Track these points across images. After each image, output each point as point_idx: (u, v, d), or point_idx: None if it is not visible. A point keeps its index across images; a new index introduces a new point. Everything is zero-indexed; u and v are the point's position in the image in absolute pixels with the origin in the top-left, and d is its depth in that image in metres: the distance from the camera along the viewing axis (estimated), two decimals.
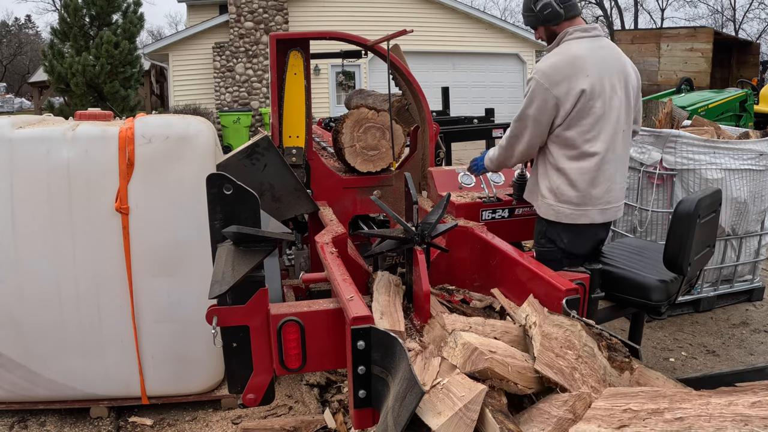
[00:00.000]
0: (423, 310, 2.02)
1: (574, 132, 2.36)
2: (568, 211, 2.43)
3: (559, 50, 2.40)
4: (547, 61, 2.37)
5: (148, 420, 2.89)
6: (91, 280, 2.72)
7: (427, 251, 2.25)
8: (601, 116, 2.34)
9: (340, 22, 13.78)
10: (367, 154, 3.43)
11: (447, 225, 2.24)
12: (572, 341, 1.38)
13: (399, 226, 2.12)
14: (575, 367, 1.37)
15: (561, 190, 2.42)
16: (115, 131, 2.69)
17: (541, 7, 2.42)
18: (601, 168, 2.38)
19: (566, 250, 2.48)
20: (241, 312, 1.78)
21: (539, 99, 2.35)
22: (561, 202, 2.43)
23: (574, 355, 1.37)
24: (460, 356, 1.49)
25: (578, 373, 1.36)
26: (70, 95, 11.03)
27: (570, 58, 2.34)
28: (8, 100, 27.17)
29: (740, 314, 4.13)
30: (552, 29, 2.48)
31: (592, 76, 2.31)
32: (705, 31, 11.98)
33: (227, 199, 1.82)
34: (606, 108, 2.35)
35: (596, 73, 2.32)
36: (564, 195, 2.42)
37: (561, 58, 2.35)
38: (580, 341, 1.37)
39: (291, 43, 3.13)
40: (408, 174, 2.28)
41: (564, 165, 2.40)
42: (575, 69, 2.31)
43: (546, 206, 2.49)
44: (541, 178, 2.51)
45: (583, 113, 2.33)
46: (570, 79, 2.30)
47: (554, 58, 2.37)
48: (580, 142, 2.36)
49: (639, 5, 31.50)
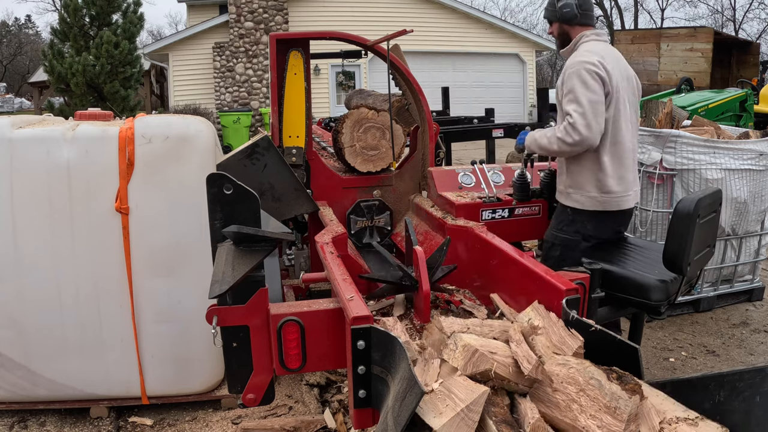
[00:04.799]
0: (423, 310, 2.02)
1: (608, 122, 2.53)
2: (612, 200, 2.60)
3: (584, 47, 2.61)
4: (581, 56, 2.55)
5: (148, 420, 2.89)
6: (91, 280, 2.72)
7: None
8: (622, 108, 2.55)
9: (340, 22, 13.78)
10: (367, 154, 3.43)
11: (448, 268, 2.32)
12: (576, 378, 1.40)
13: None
14: (574, 399, 1.39)
15: (602, 181, 2.57)
16: (115, 131, 2.69)
17: (562, 5, 2.65)
18: (629, 157, 2.62)
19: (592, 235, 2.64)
20: (241, 312, 1.78)
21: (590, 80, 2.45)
22: (605, 192, 2.59)
23: (576, 389, 1.39)
24: (461, 358, 1.49)
25: (576, 404, 1.38)
26: (70, 95, 11.03)
27: (599, 50, 2.56)
28: (8, 100, 27.16)
29: (740, 314, 4.13)
30: (565, 29, 2.71)
31: (615, 69, 2.54)
32: (705, 31, 11.98)
33: (227, 199, 1.82)
34: (624, 101, 2.57)
35: (616, 67, 2.55)
36: (606, 185, 2.57)
37: (591, 50, 2.55)
38: (585, 377, 1.38)
39: (291, 43, 3.13)
40: (408, 219, 2.31)
41: (602, 156, 2.56)
42: (606, 59, 2.53)
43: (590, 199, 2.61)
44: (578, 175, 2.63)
45: (614, 102, 2.52)
46: (605, 65, 2.49)
47: (585, 51, 2.57)
48: (613, 131, 2.54)
49: (639, 5, 31.51)
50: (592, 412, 1.35)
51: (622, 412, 1.30)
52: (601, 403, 1.34)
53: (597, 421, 1.33)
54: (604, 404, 1.33)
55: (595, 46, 2.60)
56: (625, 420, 1.29)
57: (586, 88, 2.44)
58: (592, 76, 2.45)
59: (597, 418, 1.33)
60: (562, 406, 1.40)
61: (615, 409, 1.31)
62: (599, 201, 2.60)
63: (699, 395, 1.49)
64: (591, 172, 2.59)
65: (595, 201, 2.61)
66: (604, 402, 1.33)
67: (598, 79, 2.46)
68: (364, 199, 3.40)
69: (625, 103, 2.58)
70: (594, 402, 1.35)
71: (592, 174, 2.59)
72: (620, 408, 1.30)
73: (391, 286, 2.19)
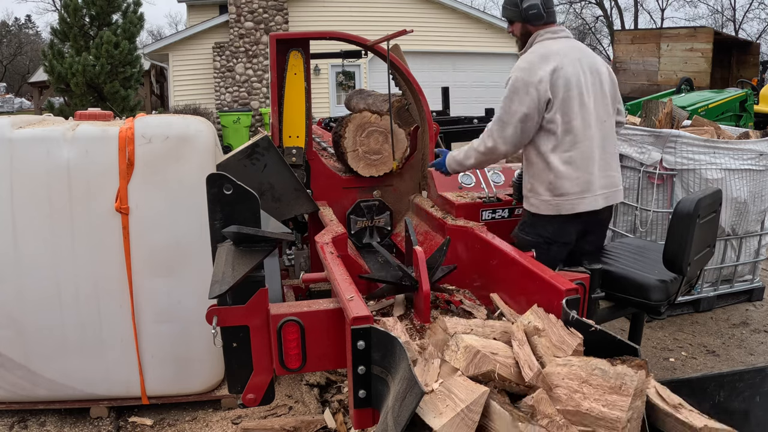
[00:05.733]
0: (423, 310, 2.02)
1: (557, 122, 2.42)
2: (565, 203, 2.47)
3: (532, 50, 2.52)
4: (522, 62, 2.49)
5: (148, 420, 2.89)
6: (91, 280, 2.72)
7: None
8: (579, 107, 2.42)
9: (340, 22, 13.77)
10: (369, 158, 3.41)
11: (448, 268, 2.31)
12: (578, 373, 1.40)
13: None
14: (577, 390, 1.38)
15: (554, 184, 2.46)
16: (115, 131, 2.69)
17: (527, 6, 2.51)
18: (594, 156, 2.45)
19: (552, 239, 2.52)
20: (241, 312, 1.77)
21: (521, 93, 2.42)
22: (557, 195, 2.47)
23: (578, 383, 1.39)
24: (463, 359, 1.49)
25: (579, 393, 1.38)
26: (70, 95, 11.03)
27: (542, 53, 2.46)
28: (8, 100, 27.14)
29: (740, 314, 4.13)
30: (529, 29, 2.58)
31: (563, 66, 2.41)
32: (705, 31, 11.97)
33: (227, 199, 1.82)
34: (582, 99, 2.43)
35: (567, 63, 2.42)
36: (559, 188, 2.46)
37: (534, 55, 2.48)
38: (587, 370, 1.38)
39: (291, 43, 3.13)
40: (408, 219, 2.31)
41: (552, 159, 2.45)
42: (547, 59, 2.43)
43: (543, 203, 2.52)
44: (532, 178, 2.55)
45: (562, 104, 2.41)
46: (543, 67, 2.41)
47: (528, 56, 2.50)
48: (564, 132, 2.42)
49: (639, 5, 31.49)
50: (596, 396, 1.34)
51: (628, 387, 1.30)
52: (605, 387, 1.34)
53: (601, 402, 1.33)
54: (608, 387, 1.33)
55: (549, 47, 2.47)
56: (631, 394, 1.29)
57: (511, 101, 2.43)
58: (523, 89, 2.40)
59: (601, 400, 1.33)
60: (564, 399, 1.39)
61: (620, 386, 1.31)
62: (552, 205, 2.49)
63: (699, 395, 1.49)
64: (543, 175, 2.48)
65: (548, 205, 2.50)
66: (608, 385, 1.33)
67: (529, 92, 2.38)
68: (364, 199, 3.40)
69: (585, 98, 2.43)
70: (597, 388, 1.35)
71: (544, 177, 2.48)
72: (626, 384, 1.30)
73: (391, 286, 2.19)
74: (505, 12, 2.64)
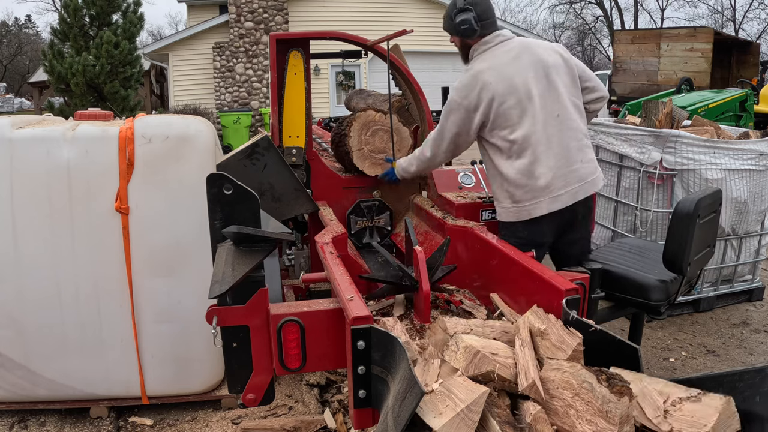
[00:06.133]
0: (423, 310, 2.02)
1: (499, 135, 2.48)
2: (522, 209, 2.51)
3: (468, 68, 2.58)
4: (458, 82, 2.57)
5: (148, 420, 2.89)
6: (91, 280, 2.72)
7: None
8: (521, 113, 2.43)
9: (340, 22, 13.78)
10: (375, 157, 3.39)
11: (448, 268, 2.32)
12: (570, 381, 1.42)
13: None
14: (570, 405, 1.40)
15: (510, 192, 2.52)
16: (115, 131, 2.69)
17: (459, 21, 2.54)
18: (547, 158, 2.43)
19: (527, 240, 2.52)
20: (241, 312, 1.77)
21: (454, 113, 2.55)
22: (515, 202, 2.52)
23: (571, 394, 1.40)
24: (463, 359, 1.49)
25: (573, 410, 1.39)
26: (70, 95, 11.03)
27: (474, 72, 2.50)
28: (8, 100, 27.16)
29: (740, 314, 4.13)
30: (467, 42, 2.62)
31: (496, 83, 2.43)
32: (705, 31, 11.97)
33: (227, 199, 1.82)
34: (525, 104, 2.43)
35: (500, 77, 2.44)
36: (514, 196, 2.51)
37: (468, 75, 2.53)
38: (578, 380, 1.40)
39: (291, 43, 3.13)
40: (408, 219, 2.31)
41: (504, 169, 2.51)
42: (478, 79, 2.47)
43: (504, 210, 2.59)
44: (493, 186, 2.64)
45: (498, 119, 2.46)
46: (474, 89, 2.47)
47: (464, 77, 2.55)
48: (508, 142, 2.47)
49: (639, 5, 31.51)
50: (587, 416, 1.36)
51: (614, 415, 1.32)
52: (594, 406, 1.35)
53: (593, 426, 1.34)
54: (597, 408, 1.35)
55: (483, 62, 2.50)
56: (617, 423, 1.31)
57: (446, 119, 2.57)
58: (456, 110, 2.52)
59: (593, 423, 1.35)
60: (560, 412, 1.41)
61: (607, 413, 1.33)
62: (512, 212, 2.54)
63: None
64: (499, 183, 2.56)
65: (508, 212, 2.56)
66: (597, 405, 1.35)
67: (461, 115, 2.51)
68: (364, 199, 3.40)
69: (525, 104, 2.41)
70: (588, 406, 1.37)
71: (501, 186, 2.55)
72: (611, 411, 1.32)
73: (391, 286, 2.19)
74: (444, 24, 2.68)
